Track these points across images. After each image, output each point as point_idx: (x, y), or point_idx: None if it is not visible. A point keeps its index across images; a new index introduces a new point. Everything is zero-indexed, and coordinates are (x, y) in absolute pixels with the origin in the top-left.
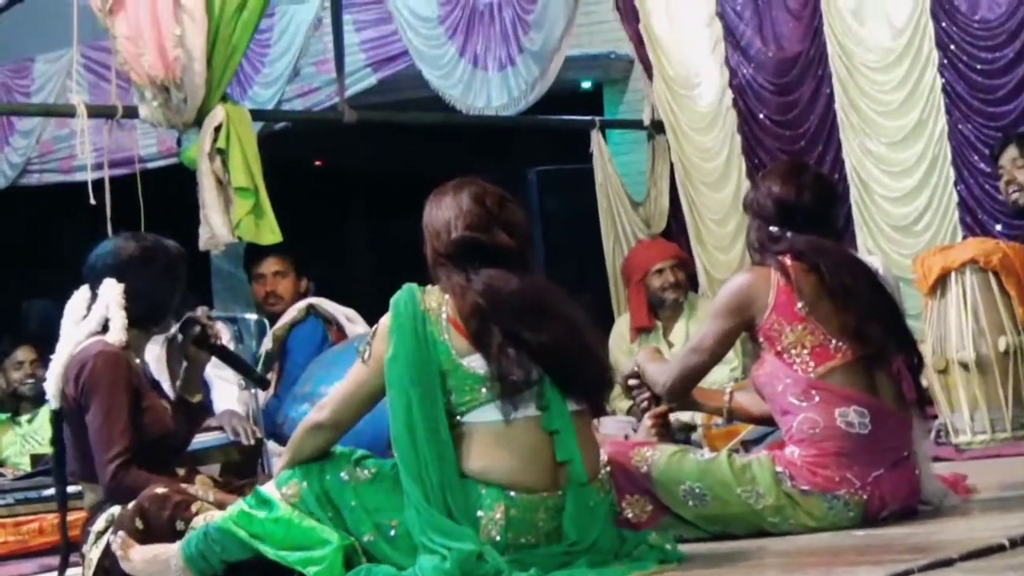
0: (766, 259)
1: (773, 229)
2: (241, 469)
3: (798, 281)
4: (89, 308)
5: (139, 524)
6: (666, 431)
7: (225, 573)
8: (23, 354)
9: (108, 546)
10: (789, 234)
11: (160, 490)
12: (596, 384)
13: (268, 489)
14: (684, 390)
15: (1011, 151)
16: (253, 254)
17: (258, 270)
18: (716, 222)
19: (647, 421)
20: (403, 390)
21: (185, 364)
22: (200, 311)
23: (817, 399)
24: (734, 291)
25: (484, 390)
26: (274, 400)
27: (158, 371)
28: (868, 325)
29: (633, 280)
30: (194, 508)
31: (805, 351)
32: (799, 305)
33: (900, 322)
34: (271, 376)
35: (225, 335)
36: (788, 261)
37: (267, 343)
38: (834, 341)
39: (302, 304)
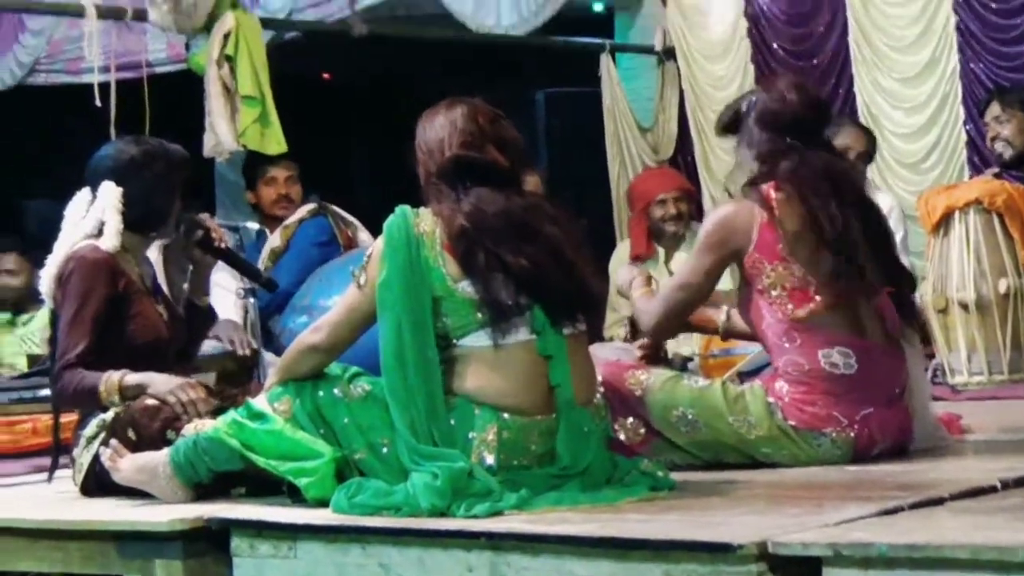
0: (750, 192)
1: (769, 143)
2: (236, 379)
3: (781, 217)
4: (89, 210)
5: (131, 435)
6: (658, 360)
7: (212, 482)
8: (11, 262)
9: (98, 453)
10: (788, 145)
11: (151, 401)
12: (579, 307)
13: (260, 403)
14: (670, 329)
15: (994, 108)
16: (260, 158)
17: (270, 173)
18: (725, 151)
19: (636, 352)
20: (394, 316)
21: (191, 267)
22: (202, 217)
23: (799, 341)
24: (716, 224)
25: (479, 315)
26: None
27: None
28: (848, 264)
29: (636, 208)
30: (185, 419)
31: (784, 293)
32: (780, 245)
33: (890, 253)
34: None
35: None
36: (772, 193)
37: (274, 240)
38: (814, 283)
39: (312, 205)
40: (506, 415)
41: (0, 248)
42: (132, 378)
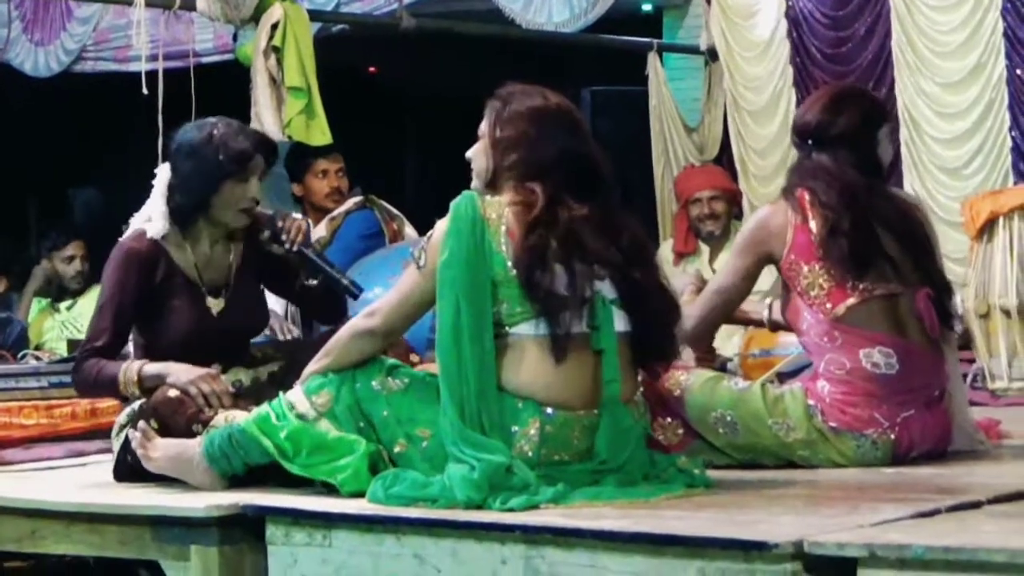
0: (786, 195)
1: (801, 153)
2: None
3: (814, 218)
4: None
5: (154, 425)
6: (710, 357)
7: (247, 473)
8: (73, 248)
9: (128, 440)
10: (813, 155)
11: (172, 393)
12: (659, 320)
13: (295, 396)
14: (708, 334)
15: None
16: (308, 151)
17: (321, 166)
18: (758, 152)
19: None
20: (454, 296)
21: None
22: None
23: (840, 341)
24: (752, 226)
25: (535, 303)
26: None
27: None
28: (883, 261)
29: (679, 204)
30: (209, 411)
31: (823, 292)
32: (815, 246)
33: (927, 254)
34: None
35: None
36: (806, 195)
37: (319, 231)
38: (851, 280)
39: (359, 197)
40: (549, 410)
41: (65, 236)
42: (151, 368)
